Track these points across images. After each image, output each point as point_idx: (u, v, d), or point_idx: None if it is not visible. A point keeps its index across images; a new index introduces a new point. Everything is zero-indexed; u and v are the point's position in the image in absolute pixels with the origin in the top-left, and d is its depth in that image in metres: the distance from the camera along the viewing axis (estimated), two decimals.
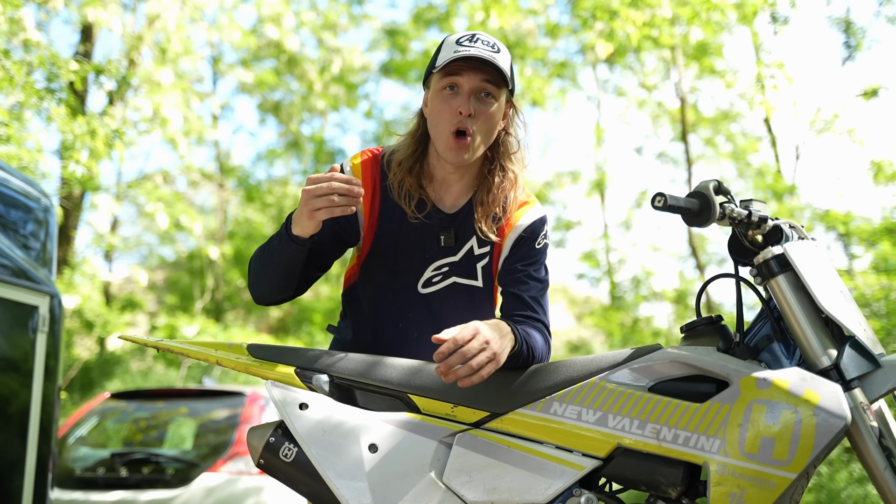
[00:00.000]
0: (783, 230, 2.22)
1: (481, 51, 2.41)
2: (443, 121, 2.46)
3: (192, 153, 16.80)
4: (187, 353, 2.55)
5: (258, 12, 19.02)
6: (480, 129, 2.46)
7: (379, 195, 2.60)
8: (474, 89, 2.44)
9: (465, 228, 2.60)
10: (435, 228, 2.59)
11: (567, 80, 21.12)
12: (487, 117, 2.47)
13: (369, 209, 2.60)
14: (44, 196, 4.85)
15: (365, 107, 23.08)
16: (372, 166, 2.62)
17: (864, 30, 14.51)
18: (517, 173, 2.62)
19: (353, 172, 2.60)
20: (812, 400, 1.97)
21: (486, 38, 2.45)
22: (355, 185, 2.21)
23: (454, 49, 2.43)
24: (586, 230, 27.30)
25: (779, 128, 31.40)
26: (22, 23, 8.47)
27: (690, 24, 11.84)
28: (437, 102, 2.48)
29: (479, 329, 2.14)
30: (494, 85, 2.46)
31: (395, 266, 2.62)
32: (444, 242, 2.59)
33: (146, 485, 5.91)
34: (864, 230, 10.64)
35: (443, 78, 2.45)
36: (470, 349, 2.09)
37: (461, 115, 2.42)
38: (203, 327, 14.41)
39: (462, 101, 2.43)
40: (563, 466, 2.18)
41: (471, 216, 2.60)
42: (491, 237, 2.57)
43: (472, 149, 2.47)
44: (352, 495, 2.24)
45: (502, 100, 2.52)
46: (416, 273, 2.62)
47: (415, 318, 2.65)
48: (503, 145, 2.62)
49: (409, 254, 2.60)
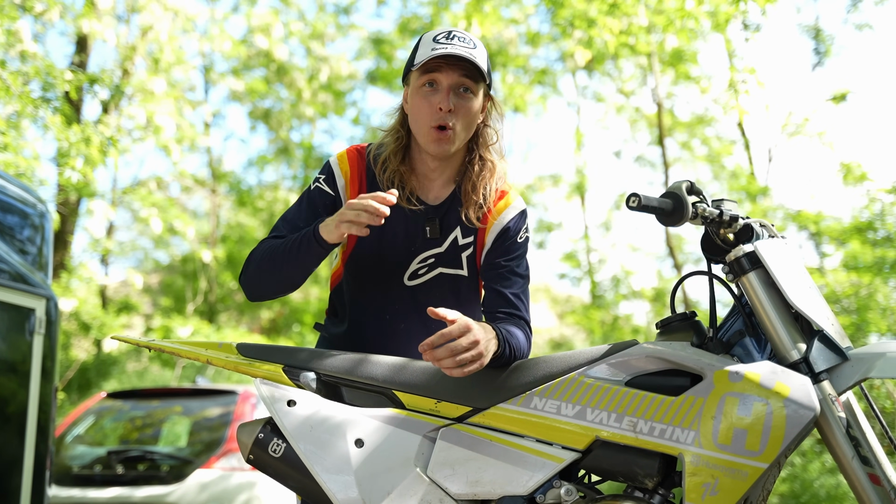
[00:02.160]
0: (754, 229, 2.25)
1: (459, 48, 2.46)
2: (423, 116, 2.51)
3: (185, 160, 16.77)
4: (179, 352, 2.59)
5: (248, 23, 19.09)
6: (460, 123, 2.52)
7: (365, 188, 2.64)
8: (453, 85, 2.49)
9: (450, 219, 2.65)
10: (420, 220, 2.63)
11: (547, 86, 21.22)
12: (466, 111, 2.52)
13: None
14: (40, 202, 4.89)
15: (352, 113, 23.14)
16: (357, 160, 2.68)
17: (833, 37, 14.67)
18: (495, 163, 2.67)
19: (339, 164, 2.66)
20: (782, 392, 2.00)
21: (463, 35, 2.51)
22: (388, 201, 2.26)
23: (432, 47, 2.48)
24: (567, 231, 27.31)
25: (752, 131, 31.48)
26: (18, 34, 8.52)
27: (666, 31, 11.91)
28: (417, 99, 2.53)
29: (470, 327, 2.16)
30: (472, 80, 2.51)
31: (380, 260, 2.66)
32: (429, 234, 2.63)
33: (142, 481, 5.95)
34: (834, 229, 10.72)
35: (422, 75, 2.51)
36: (458, 346, 2.12)
37: (441, 111, 2.48)
38: (197, 328, 14.41)
39: (442, 97, 2.48)
40: (544, 459, 2.21)
41: (454, 207, 2.64)
42: (476, 223, 2.61)
43: (453, 140, 2.52)
44: (339, 489, 2.27)
45: (480, 94, 2.57)
46: (401, 266, 2.66)
47: (401, 311, 2.70)
48: (482, 136, 2.68)
49: (394, 247, 2.64)
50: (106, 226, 16.13)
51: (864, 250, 9.38)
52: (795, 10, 24.52)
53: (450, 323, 2.17)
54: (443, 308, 2.18)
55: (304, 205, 2.67)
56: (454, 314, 2.18)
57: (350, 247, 2.69)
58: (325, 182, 2.66)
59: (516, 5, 18.94)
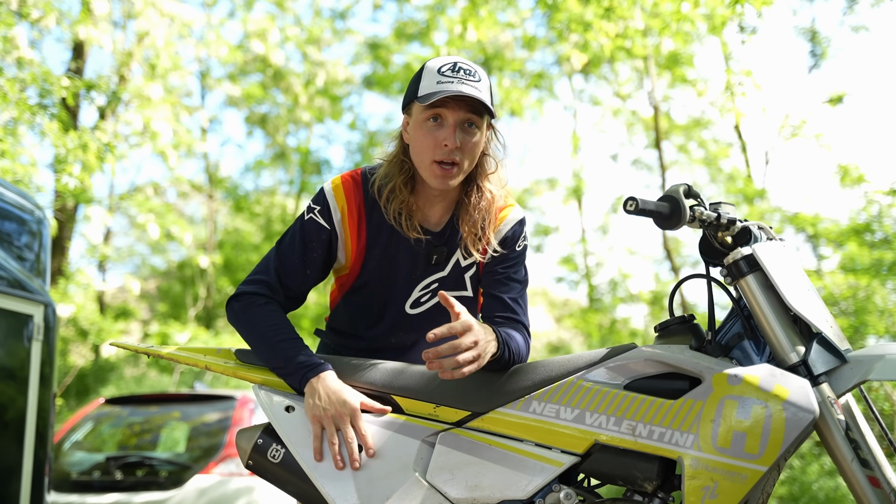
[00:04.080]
0: (752, 231, 2.25)
1: (464, 83, 2.40)
2: (427, 150, 2.46)
3: (182, 165, 16.83)
4: (177, 358, 2.59)
5: (244, 28, 19.09)
6: (466, 159, 2.47)
7: (364, 219, 2.59)
8: (459, 121, 2.44)
9: (451, 243, 2.63)
10: (423, 248, 2.60)
11: (544, 90, 21.28)
12: (472, 147, 2.48)
13: (356, 234, 2.59)
14: (37, 208, 4.89)
15: (349, 118, 23.16)
16: (354, 190, 2.59)
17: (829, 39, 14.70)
18: (493, 193, 2.62)
19: (335, 194, 2.58)
20: (781, 395, 2.00)
21: (467, 67, 2.45)
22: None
23: (437, 79, 2.42)
24: (564, 235, 27.54)
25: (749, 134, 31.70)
26: (15, 41, 8.54)
27: (662, 34, 11.90)
28: (421, 132, 2.47)
29: (472, 326, 2.18)
30: (478, 115, 2.46)
31: (382, 291, 2.64)
32: (435, 261, 2.62)
33: (140, 487, 5.95)
34: (831, 231, 10.75)
35: (426, 109, 2.44)
36: (461, 344, 2.14)
37: (447, 147, 2.42)
38: (194, 334, 14.42)
39: (448, 133, 2.42)
40: (543, 463, 2.21)
41: (455, 232, 2.62)
42: (476, 255, 2.59)
43: (457, 176, 2.48)
44: (338, 494, 2.28)
45: (484, 127, 2.51)
46: (403, 295, 2.65)
47: (405, 338, 2.70)
48: (481, 166, 2.62)
49: (396, 276, 2.62)
50: (103, 232, 16.13)
51: (861, 252, 9.41)
52: (791, 12, 24.63)
53: (454, 316, 2.18)
54: (453, 297, 2.19)
55: (297, 239, 2.59)
56: (460, 307, 2.20)
57: (351, 280, 2.67)
58: (319, 214, 2.58)
59: (512, 9, 18.99)
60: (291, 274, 2.58)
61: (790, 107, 23.86)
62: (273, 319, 2.50)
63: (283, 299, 2.58)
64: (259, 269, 2.61)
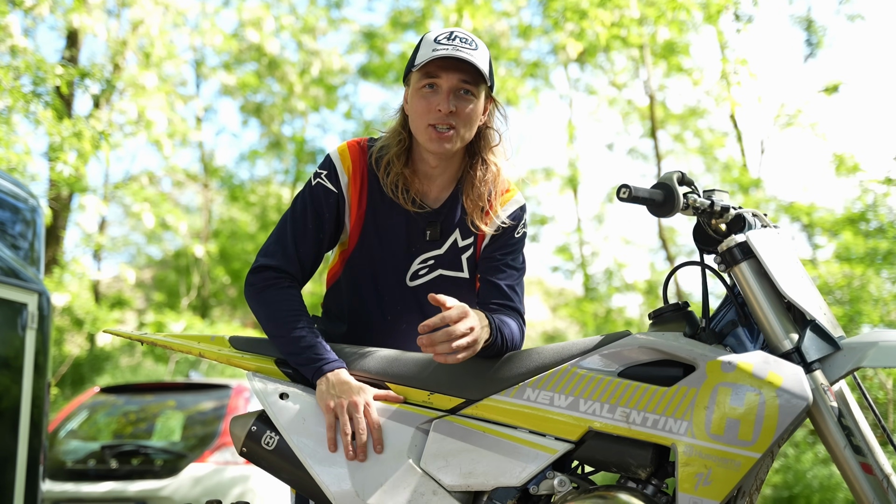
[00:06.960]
0: (746, 219, 2.24)
1: (459, 50, 2.42)
2: (423, 117, 2.48)
3: (177, 154, 16.79)
4: (171, 345, 2.60)
5: (239, 17, 18.95)
6: (460, 125, 2.48)
7: (367, 187, 2.61)
8: (453, 88, 2.45)
9: (449, 221, 2.63)
10: (420, 222, 2.61)
11: (540, 79, 21.14)
12: (467, 114, 2.49)
13: (357, 200, 2.61)
14: (31, 197, 4.89)
15: (344, 108, 23.01)
16: (360, 156, 2.62)
17: (825, 28, 14.72)
18: (499, 166, 2.64)
19: (341, 158, 2.60)
20: (775, 382, 2.00)
21: (464, 36, 2.46)
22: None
23: (432, 48, 2.44)
24: (560, 225, 27.34)
25: (744, 123, 31.66)
26: (8, 29, 8.53)
27: (658, 23, 11.93)
28: (417, 100, 2.49)
29: (467, 313, 2.20)
30: (473, 83, 2.47)
31: (382, 260, 2.64)
32: (429, 237, 2.62)
33: (136, 476, 5.97)
34: (826, 221, 10.78)
35: (422, 77, 2.47)
36: (456, 331, 2.15)
37: (440, 112, 2.44)
38: (190, 323, 14.40)
39: (441, 99, 2.45)
40: (537, 450, 2.22)
41: (454, 210, 2.63)
42: (482, 227, 2.59)
43: (454, 139, 2.49)
44: (332, 481, 2.28)
45: (481, 96, 2.53)
46: (403, 267, 2.65)
47: (403, 311, 2.69)
48: (484, 139, 2.63)
49: (395, 248, 2.63)
50: (98, 221, 16.12)
51: (856, 241, 9.42)
52: (787, 1, 24.58)
53: (446, 310, 2.19)
54: (441, 294, 2.21)
55: (308, 205, 2.59)
56: (452, 301, 2.21)
57: (350, 248, 2.67)
58: (327, 178, 2.59)
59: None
60: (306, 241, 2.58)
61: (786, 96, 23.85)
62: (292, 304, 2.52)
63: (298, 271, 2.59)
64: (273, 237, 2.62)
